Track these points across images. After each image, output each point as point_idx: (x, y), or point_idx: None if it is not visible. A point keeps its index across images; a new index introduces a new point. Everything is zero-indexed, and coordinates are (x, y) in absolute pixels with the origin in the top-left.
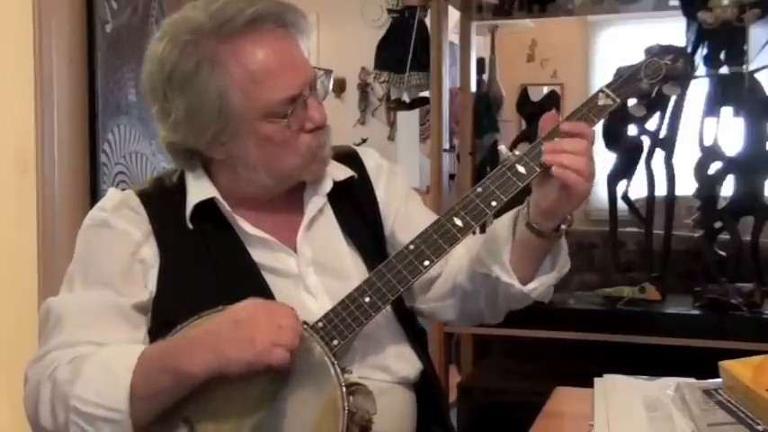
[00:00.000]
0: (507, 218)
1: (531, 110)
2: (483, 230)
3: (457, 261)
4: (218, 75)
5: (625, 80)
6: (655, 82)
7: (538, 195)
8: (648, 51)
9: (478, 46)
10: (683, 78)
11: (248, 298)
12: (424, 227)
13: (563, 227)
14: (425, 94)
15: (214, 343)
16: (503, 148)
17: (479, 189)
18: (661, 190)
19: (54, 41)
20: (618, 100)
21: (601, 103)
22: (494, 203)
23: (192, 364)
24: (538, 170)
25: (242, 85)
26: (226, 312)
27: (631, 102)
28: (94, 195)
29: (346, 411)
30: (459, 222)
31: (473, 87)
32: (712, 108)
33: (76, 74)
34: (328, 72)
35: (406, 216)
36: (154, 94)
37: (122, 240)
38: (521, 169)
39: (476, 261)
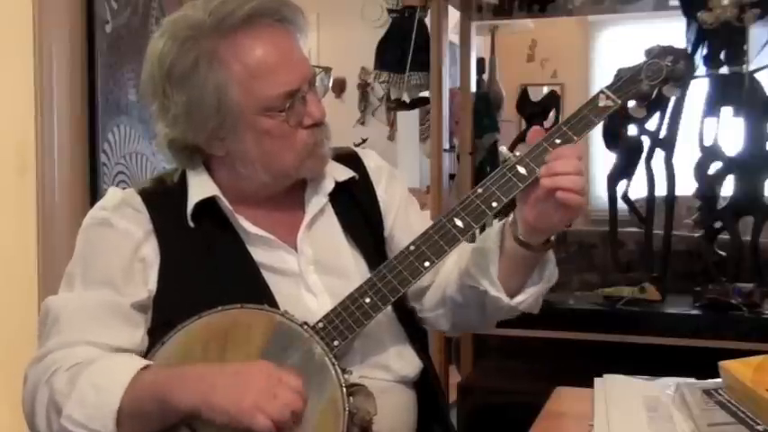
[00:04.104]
0: (494, 231)
1: (531, 110)
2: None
3: (447, 272)
4: (217, 70)
5: (626, 81)
6: (655, 83)
7: (529, 213)
8: (649, 53)
9: (478, 46)
10: (683, 80)
11: (248, 296)
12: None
13: (552, 239)
14: (425, 94)
15: (206, 385)
16: (503, 148)
17: (480, 190)
18: (661, 190)
19: (54, 41)
20: (618, 101)
21: (601, 104)
22: (494, 204)
23: (178, 399)
24: (539, 171)
25: (240, 80)
26: (233, 363)
27: (631, 103)
28: (94, 195)
29: (347, 412)
30: (459, 223)
31: (473, 87)
32: (712, 108)
33: (76, 74)
34: (327, 70)
35: (405, 220)
36: (153, 90)
37: (123, 239)
38: (521, 170)
39: (464, 274)
